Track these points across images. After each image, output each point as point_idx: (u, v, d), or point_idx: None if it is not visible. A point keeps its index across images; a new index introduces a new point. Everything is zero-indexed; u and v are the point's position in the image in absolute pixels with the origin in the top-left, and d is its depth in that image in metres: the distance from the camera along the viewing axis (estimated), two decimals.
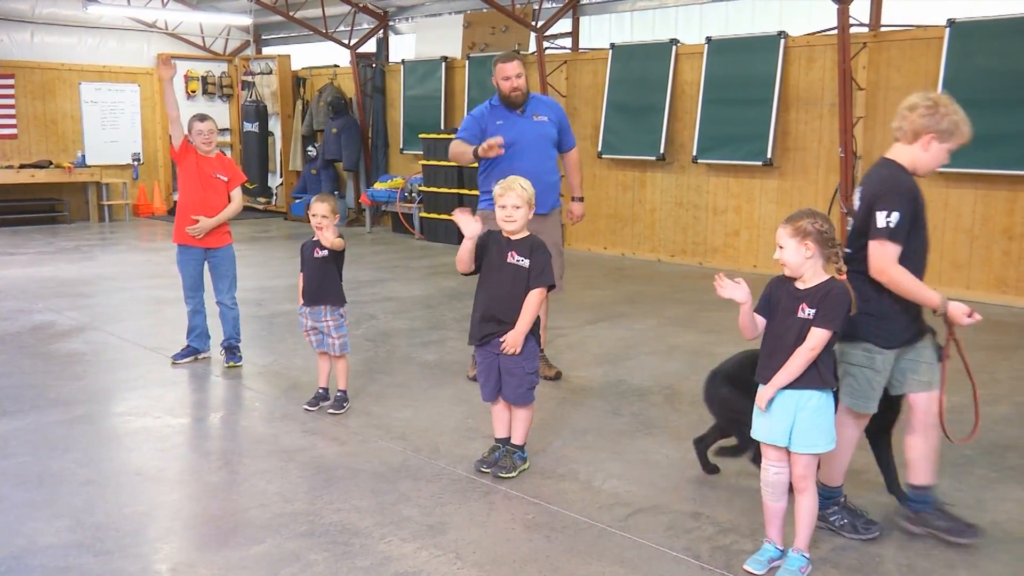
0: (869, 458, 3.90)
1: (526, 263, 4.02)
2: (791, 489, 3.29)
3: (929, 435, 3.60)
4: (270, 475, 4.21)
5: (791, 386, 3.17)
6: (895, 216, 3.33)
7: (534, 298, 4.01)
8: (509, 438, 4.24)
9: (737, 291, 3.27)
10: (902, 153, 3.57)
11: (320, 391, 5.17)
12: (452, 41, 12.44)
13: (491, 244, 4.11)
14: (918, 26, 8.46)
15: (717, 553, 3.46)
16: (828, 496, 3.60)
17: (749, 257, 9.61)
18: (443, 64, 12.40)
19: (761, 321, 3.32)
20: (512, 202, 4.02)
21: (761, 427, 3.29)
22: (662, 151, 10.10)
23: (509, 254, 4.05)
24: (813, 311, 3.15)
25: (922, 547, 3.51)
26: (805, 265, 3.17)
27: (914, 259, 3.44)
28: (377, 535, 3.60)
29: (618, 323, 7.35)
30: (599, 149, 10.70)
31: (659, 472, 4.26)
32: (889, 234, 3.33)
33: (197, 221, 5.80)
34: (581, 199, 5.98)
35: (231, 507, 3.89)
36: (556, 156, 5.66)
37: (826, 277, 3.19)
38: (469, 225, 3.96)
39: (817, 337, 3.13)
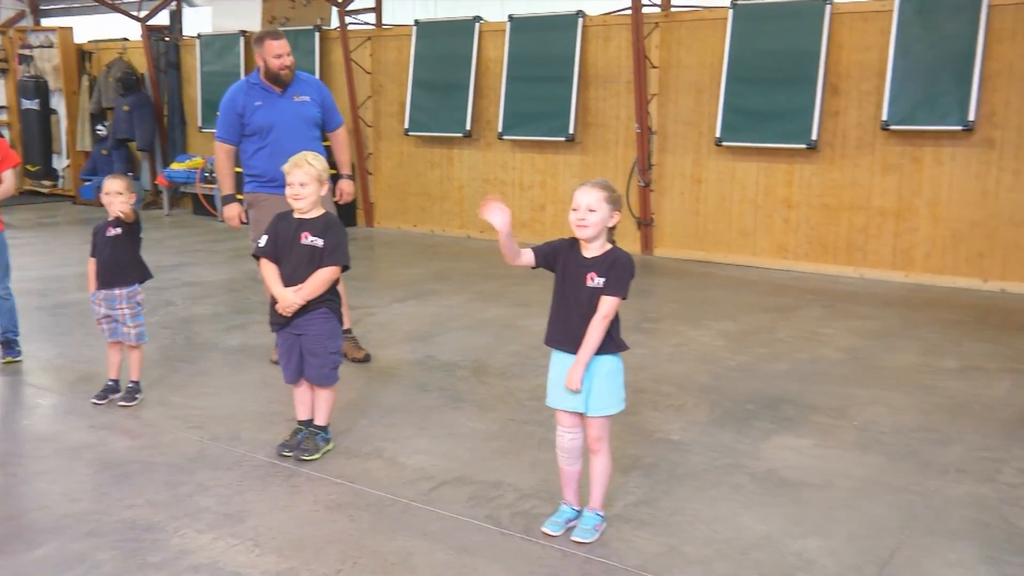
0: None
1: (320, 243, 3.96)
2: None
3: None
4: (54, 475, 3.96)
5: (578, 355, 3.27)
6: None
7: (323, 274, 3.96)
8: (312, 420, 4.18)
9: (496, 217, 3.18)
10: None
11: (110, 383, 4.90)
12: (250, 15, 11.99)
13: (281, 225, 4.02)
14: (705, 7, 8.90)
15: (517, 518, 3.55)
16: None
17: (555, 231, 9.86)
18: (241, 39, 11.95)
19: (529, 256, 3.33)
20: (299, 179, 3.93)
21: (557, 395, 3.38)
22: (468, 128, 10.17)
23: (302, 235, 3.97)
24: (603, 280, 3.25)
25: (710, 497, 3.73)
26: (603, 232, 3.27)
27: None
28: (171, 529, 3.47)
29: (428, 300, 7.37)
30: (406, 127, 10.65)
31: (465, 445, 4.32)
32: None
33: None
34: (350, 177, 5.92)
35: (7, 512, 3.63)
36: (320, 136, 5.57)
37: (609, 246, 3.30)
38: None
39: (609, 305, 3.24)
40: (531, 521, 3.52)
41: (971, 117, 7.45)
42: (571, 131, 9.43)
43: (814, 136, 8.14)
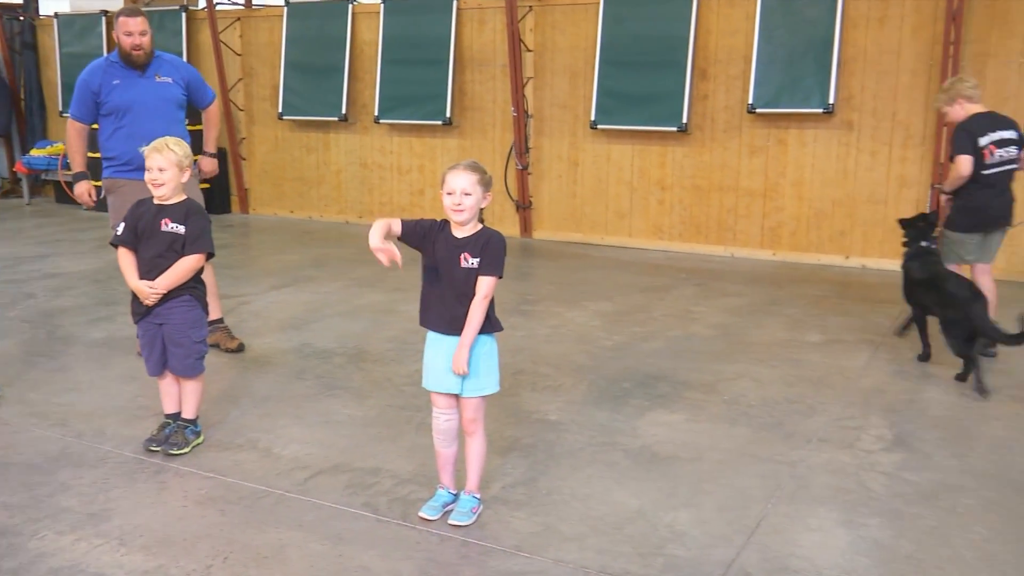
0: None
1: (181, 229, 3.82)
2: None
3: None
4: None
5: (462, 338, 3.25)
6: None
7: (186, 262, 3.83)
8: (180, 413, 4.03)
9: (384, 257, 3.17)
10: None
11: None
12: None
13: (140, 212, 3.86)
14: None
15: (395, 505, 3.52)
16: None
17: (434, 214, 9.73)
18: (103, 19, 11.40)
19: (397, 225, 3.26)
20: (159, 164, 3.79)
21: (433, 377, 3.36)
22: (344, 112, 9.99)
23: (162, 221, 3.82)
24: (477, 260, 3.24)
25: (586, 476, 3.78)
26: (476, 214, 3.27)
27: None
28: (28, 532, 3.29)
29: (304, 287, 7.22)
30: (280, 110, 10.38)
31: (341, 432, 4.26)
32: None
33: None
34: (214, 155, 5.71)
35: None
36: (184, 119, 5.38)
37: (480, 226, 3.29)
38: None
39: (487, 285, 3.23)
40: (409, 507, 3.50)
41: (831, 100, 7.76)
42: (448, 115, 9.38)
43: (685, 119, 8.33)
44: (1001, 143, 5.25)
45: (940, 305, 5.07)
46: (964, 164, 5.19)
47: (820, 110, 7.81)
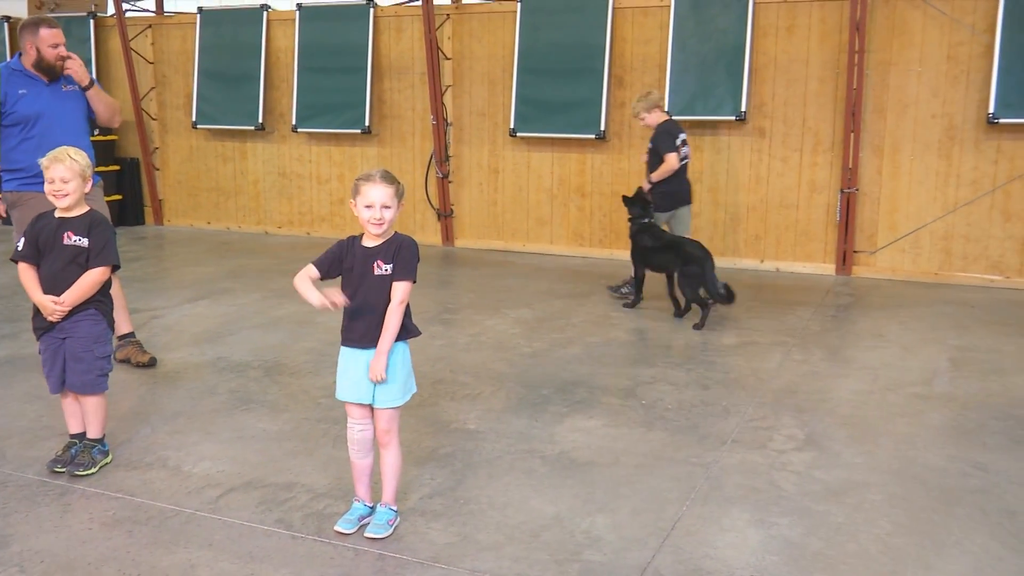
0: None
1: (85, 242, 3.71)
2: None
3: None
4: None
5: (379, 345, 3.22)
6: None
7: (92, 276, 3.72)
8: (85, 432, 3.91)
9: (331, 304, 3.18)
10: None
11: None
12: None
13: (41, 225, 3.74)
14: (494, 0, 9.01)
15: (310, 520, 3.47)
16: None
17: (355, 225, 9.67)
18: (5, 25, 11.03)
19: (313, 271, 3.27)
20: (60, 175, 3.68)
21: (345, 387, 3.33)
22: (261, 120, 9.84)
23: (65, 234, 3.70)
24: (390, 266, 3.22)
25: (504, 484, 3.78)
26: (391, 225, 3.26)
27: None
28: None
29: (220, 299, 7.08)
30: (194, 119, 10.18)
31: (255, 447, 4.18)
32: None
33: None
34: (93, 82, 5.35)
35: None
36: (88, 129, 5.25)
37: (391, 233, 3.28)
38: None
39: (402, 290, 3.21)
40: (324, 521, 3.45)
41: (743, 108, 7.93)
42: (367, 123, 9.32)
43: (603, 126, 8.42)
44: (683, 142, 6.75)
45: (682, 262, 6.29)
46: (673, 159, 6.60)
47: (733, 117, 7.97)
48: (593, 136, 8.48)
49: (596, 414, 4.62)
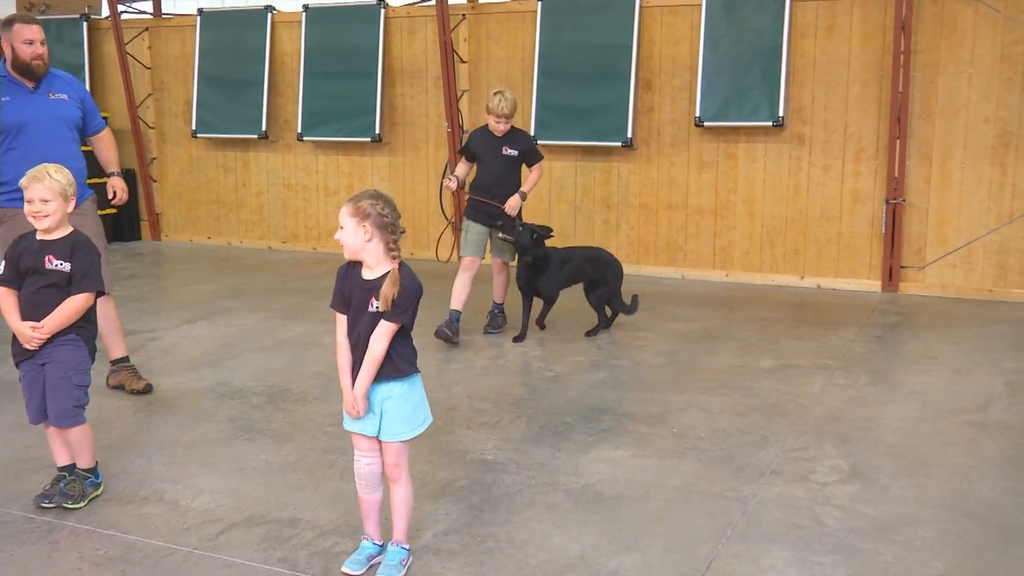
0: None
1: (67, 267, 3.73)
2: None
3: None
4: None
5: (374, 380, 3.22)
6: None
7: (73, 303, 3.74)
8: (75, 464, 3.92)
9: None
10: None
11: None
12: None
13: (22, 248, 3.77)
14: None
15: (315, 559, 3.46)
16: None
17: None
18: None
19: (343, 319, 3.30)
20: (40, 195, 3.71)
21: (354, 419, 3.32)
22: (264, 129, 9.91)
23: (46, 258, 3.73)
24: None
25: (524, 519, 3.76)
26: (366, 249, 3.20)
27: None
28: None
29: (220, 320, 7.11)
30: (194, 128, 10.27)
31: (256, 480, 4.18)
32: None
33: None
34: (119, 174, 5.55)
35: None
36: (79, 139, 5.28)
37: (390, 265, 3.21)
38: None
39: (383, 330, 3.18)
40: (331, 561, 3.44)
41: (781, 113, 7.91)
42: (377, 131, 9.37)
43: (629, 133, 8.42)
44: None
45: (597, 273, 6.52)
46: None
47: (770, 123, 7.95)
48: (619, 144, 8.47)
49: (623, 443, 4.59)
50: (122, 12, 10.47)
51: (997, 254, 7.62)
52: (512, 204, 6.43)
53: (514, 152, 6.50)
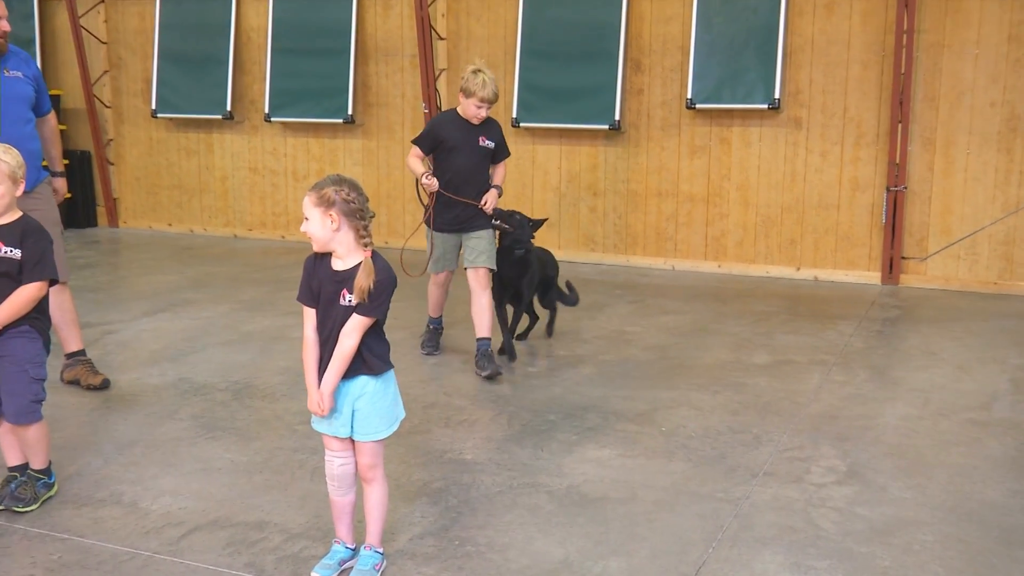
0: None
1: (17, 254, 3.71)
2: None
3: None
4: None
5: (343, 377, 3.23)
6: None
7: (25, 292, 3.72)
8: (27, 464, 3.92)
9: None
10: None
11: None
12: None
13: None
14: None
15: (284, 564, 3.47)
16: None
17: None
18: None
19: (311, 313, 3.30)
20: None
21: (322, 419, 3.32)
22: (229, 109, 9.88)
23: None
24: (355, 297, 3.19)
25: (505, 522, 3.78)
26: (335, 239, 3.20)
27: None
28: None
29: (182, 312, 7.10)
30: (154, 107, 10.22)
31: (221, 481, 4.18)
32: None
33: None
34: (63, 174, 5.56)
35: None
36: (34, 119, 5.27)
37: (361, 255, 3.21)
38: None
39: (355, 324, 3.18)
40: (300, 565, 3.45)
41: (776, 95, 7.96)
42: (350, 112, 9.36)
43: (617, 116, 8.45)
44: None
45: (550, 272, 6.42)
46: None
47: (765, 105, 7.99)
48: (606, 127, 8.50)
49: (610, 443, 4.61)
50: None
51: (1003, 245, 7.69)
52: (492, 201, 5.83)
53: (491, 144, 5.82)
